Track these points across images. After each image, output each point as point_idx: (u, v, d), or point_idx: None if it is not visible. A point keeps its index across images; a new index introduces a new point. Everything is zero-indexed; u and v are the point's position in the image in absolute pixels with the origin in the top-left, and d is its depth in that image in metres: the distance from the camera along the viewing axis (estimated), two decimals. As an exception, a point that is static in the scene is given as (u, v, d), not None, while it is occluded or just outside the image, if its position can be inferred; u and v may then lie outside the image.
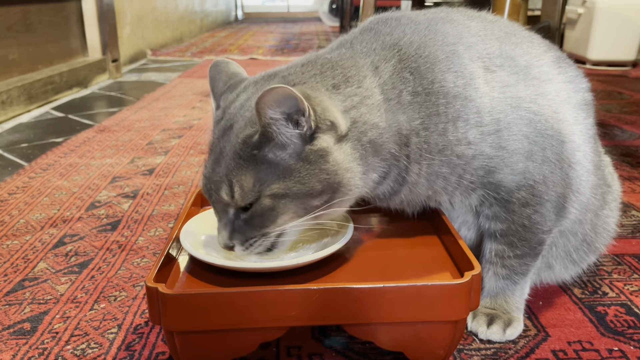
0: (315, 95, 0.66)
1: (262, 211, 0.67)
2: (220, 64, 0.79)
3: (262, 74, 0.74)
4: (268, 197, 0.66)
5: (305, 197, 0.66)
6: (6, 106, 2.15)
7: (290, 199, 0.66)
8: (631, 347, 0.78)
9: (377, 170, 0.71)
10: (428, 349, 0.70)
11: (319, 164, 0.65)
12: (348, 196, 0.69)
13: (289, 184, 0.65)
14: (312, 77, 0.70)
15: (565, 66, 0.83)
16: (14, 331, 0.84)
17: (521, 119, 0.73)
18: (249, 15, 8.54)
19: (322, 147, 0.66)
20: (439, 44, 0.74)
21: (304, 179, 0.65)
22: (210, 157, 0.70)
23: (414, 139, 0.71)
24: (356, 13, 5.32)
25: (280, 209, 0.66)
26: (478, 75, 0.73)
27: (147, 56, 3.90)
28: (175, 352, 0.68)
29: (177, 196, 1.37)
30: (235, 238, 0.69)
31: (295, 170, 0.65)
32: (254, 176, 0.66)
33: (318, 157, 0.65)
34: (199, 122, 2.12)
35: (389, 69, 0.72)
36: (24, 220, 1.24)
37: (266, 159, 0.65)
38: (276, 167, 0.65)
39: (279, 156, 0.65)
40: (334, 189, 0.67)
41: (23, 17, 2.42)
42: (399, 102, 0.71)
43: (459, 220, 0.84)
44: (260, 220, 0.67)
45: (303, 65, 0.72)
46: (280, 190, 0.65)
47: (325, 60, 0.72)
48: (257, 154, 0.65)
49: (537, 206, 0.75)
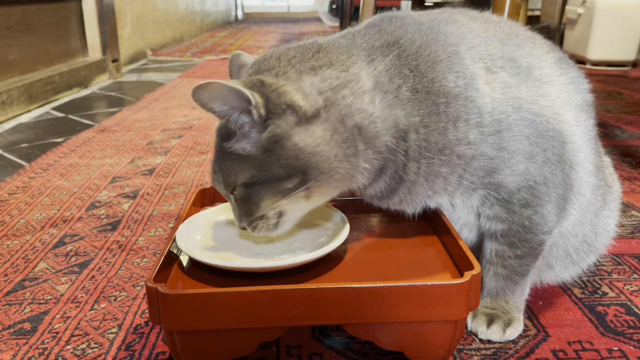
0: (272, 81, 0.68)
1: (242, 198, 0.71)
2: (234, 57, 0.82)
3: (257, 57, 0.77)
4: (240, 186, 0.70)
5: (273, 181, 0.68)
6: (6, 106, 2.15)
7: (260, 186, 0.69)
8: (631, 347, 0.78)
9: (370, 161, 0.71)
10: (428, 348, 0.70)
11: (275, 150, 0.67)
12: (327, 179, 0.70)
13: (253, 172, 0.68)
14: (288, 60, 0.72)
15: (567, 67, 0.83)
16: (14, 331, 0.84)
17: (522, 120, 0.73)
18: (249, 15, 8.54)
19: (276, 133, 0.67)
20: (441, 44, 0.74)
21: (265, 166, 0.68)
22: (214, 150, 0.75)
23: (412, 135, 0.71)
24: (356, 13, 5.32)
25: (256, 195, 0.70)
26: (479, 76, 0.73)
27: (147, 56, 3.90)
28: (175, 352, 0.68)
29: (177, 196, 1.37)
30: (243, 220, 0.73)
31: (256, 158, 0.68)
32: (229, 167, 0.70)
33: (272, 143, 0.67)
34: (199, 122, 2.12)
35: (386, 63, 0.72)
36: (24, 220, 1.24)
37: (232, 150, 0.69)
38: (241, 157, 0.69)
39: (242, 147, 0.69)
40: (303, 171, 0.68)
41: (23, 17, 2.42)
42: (397, 97, 0.71)
43: (460, 222, 0.84)
44: (247, 206, 0.71)
45: (288, 50, 0.74)
46: (247, 179, 0.69)
47: (314, 45, 0.74)
48: (226, 146, 0.70)
49: (538, 207, 0.75)
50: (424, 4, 2.73)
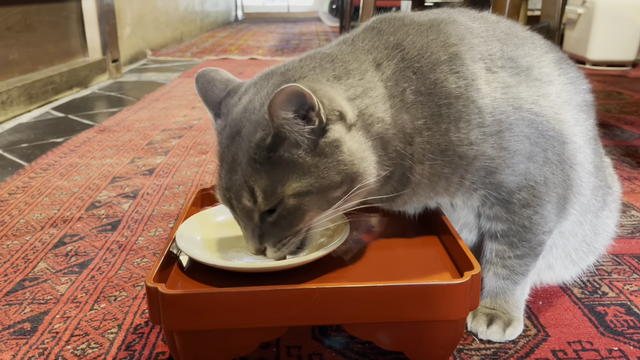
0: (319, 87, 0.66)
1: (288, 211, 0.66)
2: (209, 72, 0.76)
3: (260, 74, 0.74)
4: (291, 197, 0.65)
5: (327, 190, 0.66)
6: (6, 106, 2.15)
7: (313, 195, 0.65)
8: (631, 347, 0.78)
9: (384, 167, 0.71)
10: (428, 348, 0.70)
11: (335, 156, 0.65)
12: (365, 185, 0.68)
13: (309, 181, 0.65)
14: (311, 70, 0.70)
15: (567, 67, 0.83)
16: (14, 331, 0.84)
17: (523, 120, 0.73)
18: (249, 16, 8.54)
19: (336, 138, 0.65)
20: (441, 45, 0.74)
21: (323, 172, 0.65)
22: (223, 167, 0.68)
23: (417, 138, 0.71)
24: (356, 13, 5.32)
25: (305, 206, 0.66)
26: (480, 76, 0.73)
27: (147, 56, 3.90)
28: (175, 352, 0.68)
29: (177, 196, 1.37)
30: (266, 241, 0.68)
31: (313, 165, 0.65)
32: (273, 178, 0.65)
33: (333, 148, 0.65)
34: (199, 122, 2.12)
35: (392, 67, 0.72)
36: (24, 220, 1.24)
37: (282, 159, 0.65)
38: (294, 165, 0.65)
39: (295, 154, 0.65)
40: (352, 179, 0.67)
41: (23, 17, 2.42)
42: (403, 100, 0.71)
43: (460, 222, 0.84)
44: (288, 220, 0.67)
45: (301, 60, 0.72)
46: (302, 188, 0.65)
47: (325, 55, 0.72)
48: (272, 156, 0.65)
49: (538, 207, 0.75)
50: (423, 4, 2.73)
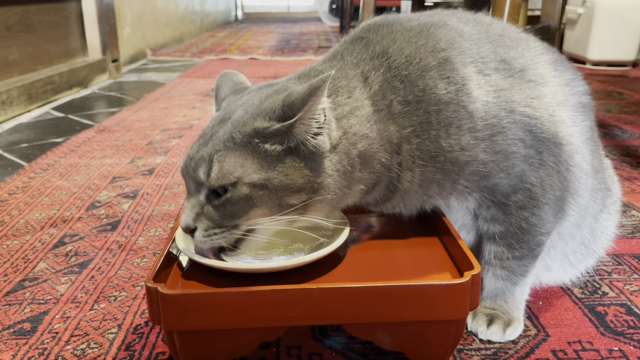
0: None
1: (237, 199, 0.65)
2: (229, 73, 0.82)
3: (264, 84, 0.76)
4: (246, 185, 0.65)
5: (284, 191, 0.65)
6: (6, 106, 2.15)
7: (268, 191, 0.65)
8: (631, 347, 0.78)
9: (364, 181, 0.72)
10: (428, 348, 0.70)
11: (308, 161, 0.66)
12: (324, 202, 0.69)
13: (271, 175, 0.65)
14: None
15: (563, 69, 0.82)
16: (14, 331, 0.84)
17: (516, 123, 0.73)
18: (249, 15, 8.55)
19: (321, 147, 0.66)
20: (430, 51, 0.73)
21: (288, 170, 0.65)
22: (199, 141, 0.70)
23: (405, 146, 0.71)
24: (356, 13, 5.32)
25: (256, 200, 0.65)
26: (471, 80, 0.72)
27: (147, 56, 3.90)
28: (175, 352, 0.68)
29: (177, 196, 1.37)
30: (200, 222, 0.67)
31: (282, 162, 0.65)
32: (239, 161, 0.65)
33: (310, 153, 0.66)
34: (199, 122, 2.12)
35: (379, 79, 0.72)
36: (24, 220, 1.24)
37: (260, 149, 0.65)
38: (265, 156, 0.65)
39: (275, 148, 0.65)
40: (314, 189, 0.67)
41: (23, 17, 2.42)
42: (389, 113, 0.71)
43: (458, 223, 0.84)
44: (232, 209, 0.66)
45: (300, 78, 0.74)
46: (260, 180, 0.65)
47: (317, 72, 0.73)
48: (257, 143, 0.65)
49: (535, 209, 0.75)
50: (423, 4, 2.73)
